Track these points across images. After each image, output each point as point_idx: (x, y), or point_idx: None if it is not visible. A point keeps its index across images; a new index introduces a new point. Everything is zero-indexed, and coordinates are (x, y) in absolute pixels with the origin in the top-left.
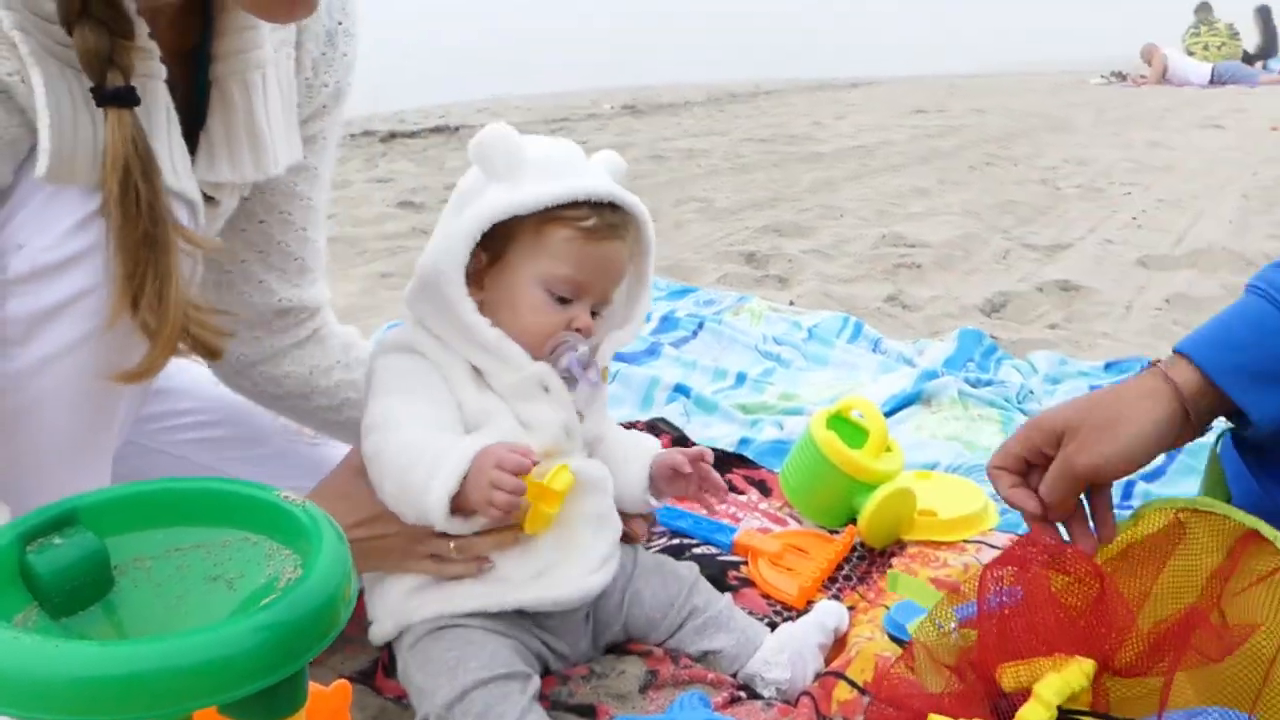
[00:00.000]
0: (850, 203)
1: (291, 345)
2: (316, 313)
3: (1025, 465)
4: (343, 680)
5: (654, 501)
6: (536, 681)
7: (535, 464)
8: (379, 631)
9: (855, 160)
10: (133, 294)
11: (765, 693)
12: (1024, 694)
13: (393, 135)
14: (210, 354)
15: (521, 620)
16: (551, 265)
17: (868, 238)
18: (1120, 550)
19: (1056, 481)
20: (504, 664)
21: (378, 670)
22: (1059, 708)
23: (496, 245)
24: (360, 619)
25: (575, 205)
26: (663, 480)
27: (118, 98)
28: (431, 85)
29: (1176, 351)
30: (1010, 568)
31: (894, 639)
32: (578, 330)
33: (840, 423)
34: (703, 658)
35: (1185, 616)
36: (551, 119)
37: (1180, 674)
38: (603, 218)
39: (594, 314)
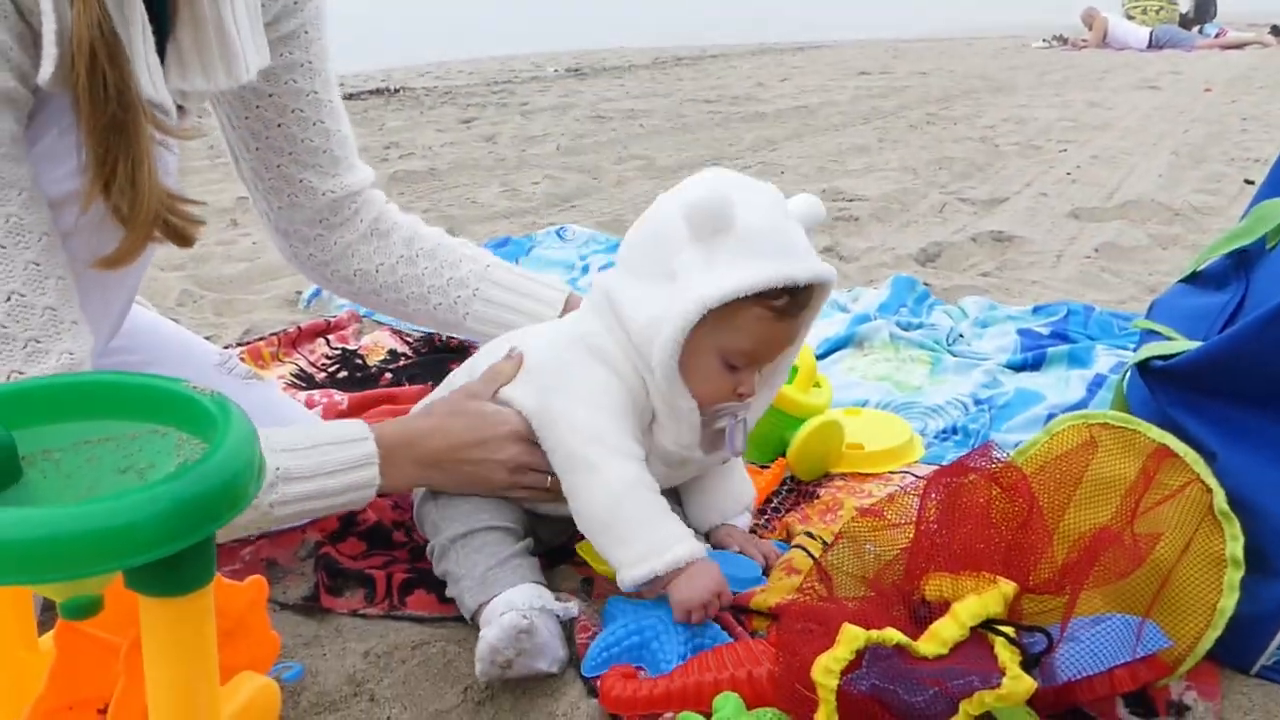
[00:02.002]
0: (791, 160)
1: (357, 240)
2: (363, 193)
3: None
4: (258, 576)
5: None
6: (530, 541)
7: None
8: None
9: (797, 120)
10: (104, 179)
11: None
12: (944, 605)
13: None
14: (183, 241)
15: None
16: (735, 340)
17: (807, 193)
18: (1038, 466)
19: None
20: (507, 520)
21: (320, 591)
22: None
23: None
24: (290, 561)
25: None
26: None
27: None
28: (374, 50)
29: None
30: (956, 477)
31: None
32: (740, 395)
33: None
34: None
35: (1095, 538)
36: (495, 81)
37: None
38: (796, 298)
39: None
